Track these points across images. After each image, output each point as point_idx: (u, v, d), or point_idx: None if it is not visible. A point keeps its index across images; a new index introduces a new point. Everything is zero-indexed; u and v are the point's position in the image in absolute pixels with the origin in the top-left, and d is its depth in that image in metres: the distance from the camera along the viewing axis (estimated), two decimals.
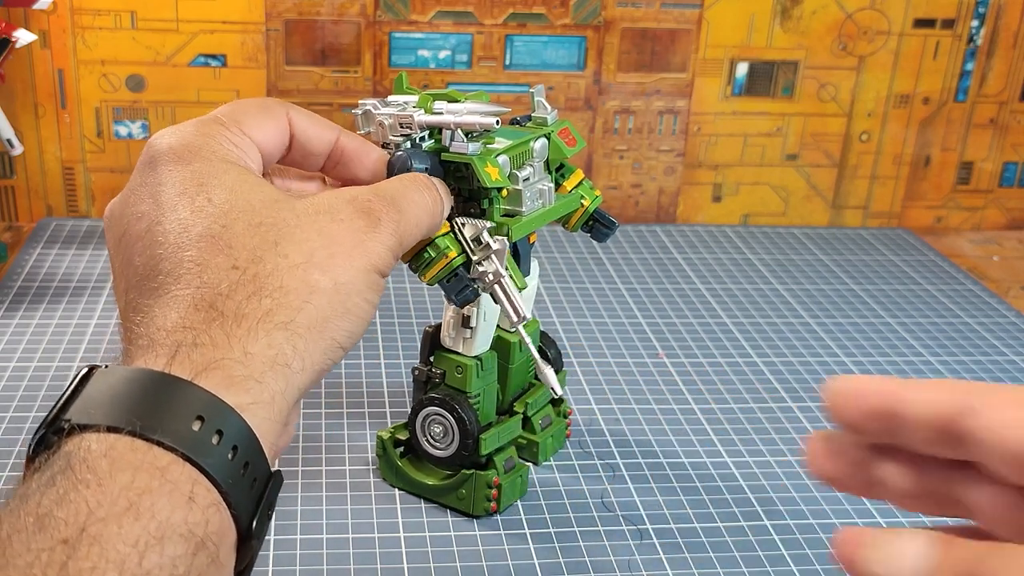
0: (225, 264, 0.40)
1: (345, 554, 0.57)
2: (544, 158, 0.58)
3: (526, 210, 0.56)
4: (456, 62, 1.02)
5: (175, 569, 0.32)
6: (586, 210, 0.61)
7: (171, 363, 0.37)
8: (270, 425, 0.38)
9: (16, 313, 0.82)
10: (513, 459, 0.62)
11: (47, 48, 0.96)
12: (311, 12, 0.98)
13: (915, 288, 0.97)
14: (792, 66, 1.06)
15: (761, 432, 0.71)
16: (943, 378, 0.80)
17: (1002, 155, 1.13)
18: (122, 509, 0.32)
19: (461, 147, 0.52)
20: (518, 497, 0.62)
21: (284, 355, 0.39)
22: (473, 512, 0.60)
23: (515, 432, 0.62)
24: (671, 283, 0.95)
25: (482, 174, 0.52)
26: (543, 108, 0.59)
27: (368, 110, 0.53)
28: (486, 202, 0.54)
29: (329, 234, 0.42)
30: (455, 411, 0.59)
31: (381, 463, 0.64)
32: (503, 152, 0.55)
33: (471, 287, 0.53)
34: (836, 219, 1.13)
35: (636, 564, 0.58)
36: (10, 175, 1.01)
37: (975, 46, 1.08)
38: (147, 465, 0.33)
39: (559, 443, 0.68)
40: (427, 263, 0.53)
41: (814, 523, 0.62)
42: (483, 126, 0.52)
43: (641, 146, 1.07)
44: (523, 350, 0.63)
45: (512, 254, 0.57)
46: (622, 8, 1.02)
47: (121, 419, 0.34)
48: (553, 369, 0.63)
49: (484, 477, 0.60)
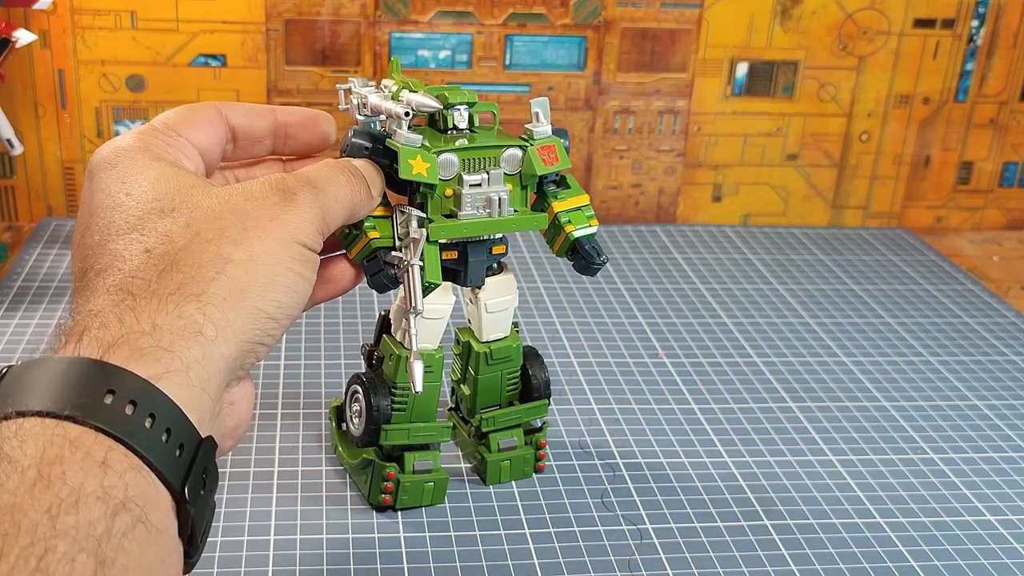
0: (138, 249, 0.42)
1: (345, 554, 0.57)
2: (516, 170, 0.57)
3: (462, 215, 0.56)
4: (456, 62, 1.02)
5: (92, 529, 0.33)
6: (567, 237, 0.59)
7: (78, 347, 0.38)
8: (191, 391, 0.39)
9: (16, 313, 0.82)
10: (431, 464, 0.61)
11: (47, 48, 0.96)
12: (311, 12, 0.98)
13: (915, 288, 0.97)
14: (792, 66, 1.06)
15: (761, 432, 0.71)
16: (940, 376, 0.80)
17: (1002, 155, 1.13)
18: (31, 480, 0.33)
19: (400, 136, 0.54)
20: (426, 503, 0.61)
21: (196, 323, 0.40)
22: (369, 500, 0.61)
23: (432, 436, 0.61)
24: (671, 283, 0.95)
25: (401, 164, 0.53)
26: (536, 120, 0.58)
27: (349, 87, 0.57)
28: (419, 196, 0.55)
29: (242, 211, 0.44)
30: (368, 394, 0.59)
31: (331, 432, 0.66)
32: (454, 151, 0.55)
33: (385, 271, 0.54)
34: (836, 219, 1.13)
35: (636, 564, 0.58)
36: (10, 175, 1.01)
37: (975, 46, 1.08)
38: (57, 438, 0.35)
39: (520, 472, 0.64)
40: (351, 240, 0.54)
41: (814, 523, 0.62)
42: (390, 112, 0.54)
43: (641, 146, 1.07)
44: (491, 363, 0.62)
45: (460, 259, 0.58)
46: (622, 8, 1.02)
47: (31, 403, 0.35)
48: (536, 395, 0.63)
49: (381, 468, 0.60)
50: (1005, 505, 0.65)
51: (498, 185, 0.56)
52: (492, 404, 0.63)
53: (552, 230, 0.60)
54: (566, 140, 0.59)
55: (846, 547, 0.60)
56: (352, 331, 0.82)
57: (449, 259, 0.58)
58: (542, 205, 0.60)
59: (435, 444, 0.62)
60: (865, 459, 0.69)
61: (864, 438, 0.71)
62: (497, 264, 0.61)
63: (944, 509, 0.64)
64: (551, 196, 0.59)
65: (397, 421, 0.60)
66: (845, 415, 0.74)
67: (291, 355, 0.78)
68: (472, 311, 0.62)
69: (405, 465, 0.60)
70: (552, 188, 0.60)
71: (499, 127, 0.59)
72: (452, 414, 0.67)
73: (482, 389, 0.63)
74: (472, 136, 0.56)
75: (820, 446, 0.70)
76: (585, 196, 0.60)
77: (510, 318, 0.62)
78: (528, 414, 0.64)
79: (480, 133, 0.57)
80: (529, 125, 0.58)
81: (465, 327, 0.64)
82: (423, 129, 0.57)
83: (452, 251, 0.58)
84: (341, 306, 0.86)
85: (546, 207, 0.59)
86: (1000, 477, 0.68)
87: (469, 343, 0.62)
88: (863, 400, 0.76)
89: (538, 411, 0.64)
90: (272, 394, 0.72)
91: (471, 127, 0.57)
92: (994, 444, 0.71)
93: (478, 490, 0.63)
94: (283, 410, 0.71)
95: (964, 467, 0.68)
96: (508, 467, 0.64)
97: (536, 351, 0.65)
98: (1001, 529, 0.62)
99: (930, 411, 0.75)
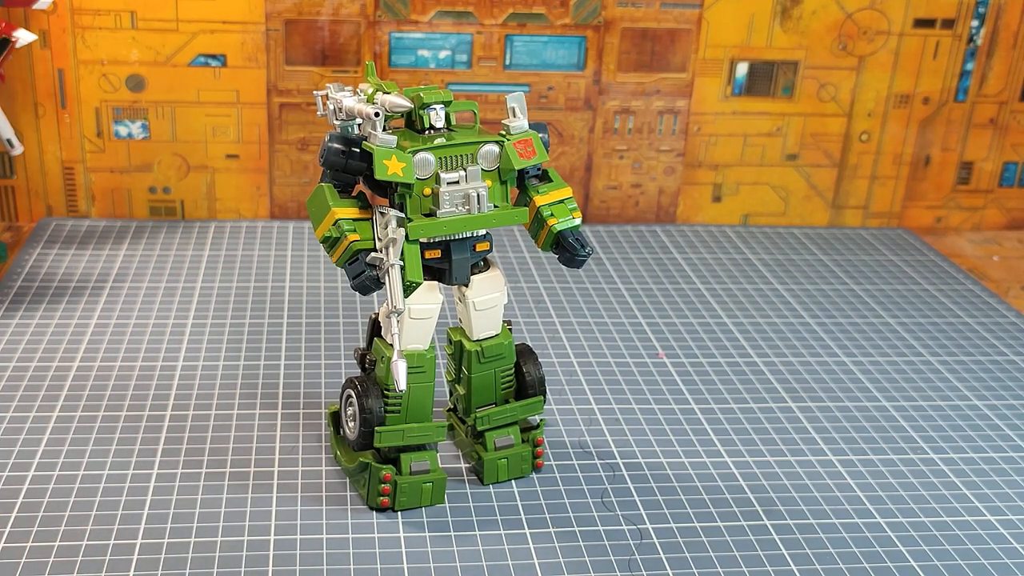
0: None
1: (345, 554, 0.57)
2: (493, 165, 0.58)
3: (440, 213, 0.56)
4: (456, 62, 1.02)
5: None
6: (550, 230, 0.59)
7: None
8: None
9: (16, 313, 0.82)
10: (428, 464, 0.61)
11: (47, 48, 0.96)
12: (311, 12, 0.98)
13: (915, 288, 0.97)
14: (792, 66, 1.06)
15: (761, 432, 0.71)
16: (940, 376, 0.80)
17: (1002, 155, 1.13)
18: None
19: (375, 138, 0.55)
20: (425, 504, 0.61)
21: None
22: (368, 503, 0.61)
23: (427, 437, 0.60)
24: (671, 283, 0.95)
25: (376, 165, 0.54)
26: (512, 115, 0.58)
27: (326, 93, 0.57)
28: (397, 196, 0.56)
29: None
30: (361, 397, 0.59)
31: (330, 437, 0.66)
32: (429, 150, 0.56)
33: (367, 273, 0.54)
34: (836, 219, 1.13)
35: (636, 564, 0.58)
36: (10, 175, 1.01)
37: (975, 46, 1.08)
38: None
39: (518, 470, 0.64)
40: (331, 243, 0.55)
41: (814, 523, 0.62)
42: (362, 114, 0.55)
43: (641, 146, 1.07)
44: (483, 361, 0.62)
45: (444, 258, 0.58)
46: (622, 8, 1.02)
47: None
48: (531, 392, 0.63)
49: (378, 470, 0.60)
50: (1005, 505, 0.65)
51: (476, 182, 0.57)
52: (487, 403, 0.63)
53: (535, 225, 0.60)
54: (544, 134, 0.60)
55: (846, 547, 0.60)
56: (352, 332, 0.82)
57: (433, 258, 0.58)
58: (525, 200, 0.60)
59: (432, 444, 0.62)
60: (865, 459, 0.69)
61: (864, 438, 0.71)
62: (484, 261, 0.61)
63: (944, 509, 0.64)
64: (532, 190, 0.60)
65: (392, 423, 0.60)
66: (845, 415, 0.74)
67: (291, 355, 0.78)
68: (462, 310, 0.62)
69: (402, 467, 0.60)
70: (534, 182, 0.60)
71: (480, 125, 0.59)
72: (450, 414, 0.67)
73: (476, 388, 0.63)
74: (450, 135, 0.57)
75: (820, 446, 0.70)
76: (568, 189, 0.60)
77: (500, 315, 0.62)
78: (523, 411, 0.64)
79: (458, 132, 0.58)
80: (506, 120, 0.58)
81: (457, 327, 0.64)
82: (401, 131, 0.58)
83: (435, 250, 0.58)
84: (341, 307, 0.86)
85: (528, 202, 0.59)
86: (1000, 477, 0.68)
87: (461, 342, 0.62)
88: (863, 400, 0.76)
89: (534, 408, 0.64)
90: (272, 394, 0.72)
91: (449, 126, 0.58)
92: (994, 444, 0.71)
93: (477, 490, 0.63)
94: (283, 410, 0.71)
95: (964, 467, 0.68)
96: (505, 465, 0.64)
97: (530, 348, 0.65)
98: (1001, 529, 0.62)
99: (930, 411, 0.75)
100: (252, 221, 1.04)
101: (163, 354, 0.77)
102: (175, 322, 0.82)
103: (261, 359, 0.77)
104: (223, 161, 1.02)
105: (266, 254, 0.96)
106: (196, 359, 0.77)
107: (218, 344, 0.79)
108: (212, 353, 0.78)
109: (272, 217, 1.05)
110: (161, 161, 1.01)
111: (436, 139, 0.57)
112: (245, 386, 0.73)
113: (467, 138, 0.57)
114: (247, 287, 0.89)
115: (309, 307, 0.86)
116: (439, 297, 0.60)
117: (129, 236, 0.98)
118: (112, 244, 0.96)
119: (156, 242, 0.97)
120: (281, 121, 1.01)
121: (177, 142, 1.01)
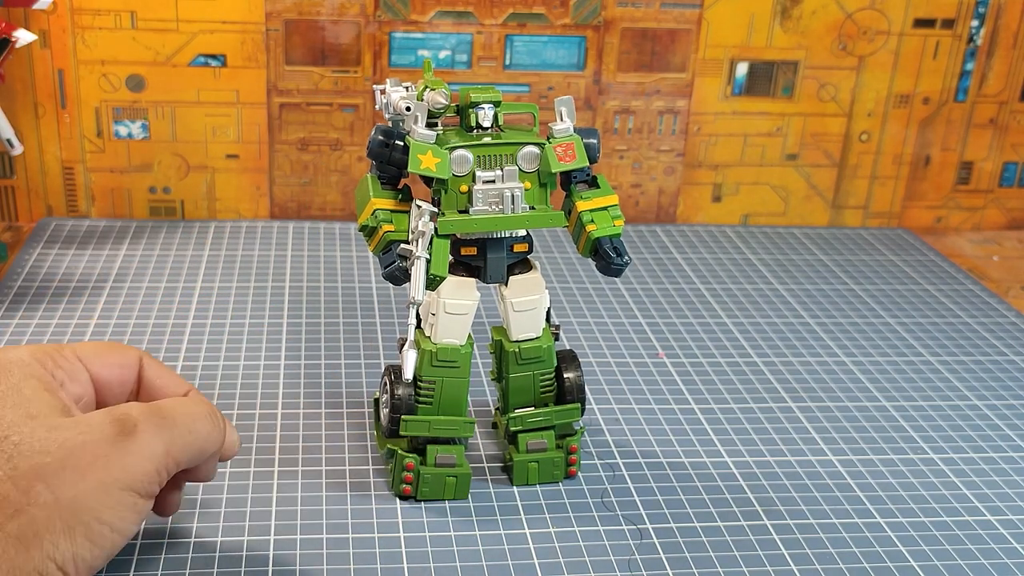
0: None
1: (345, 554, 0.57)
2: (533, 167, 0.58)
3: (473, 210, 0.57)
4: (456, 62, 1.02)
5: None
6: (588, 236, 0.59)
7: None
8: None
9: (16, 313, 0.82)
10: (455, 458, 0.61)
11: (47, 48, 0.96)
12: (311, 12, 0.98)
13: (915, 288, 0.97)
14: (792, 66, 1.06)
15: (761, 432, 0.71)
16: (940, 376, 0.80)
17: (1002, 155, 1.13)
18: None
19: (415, 132, 0.56)
20: (448, 497, 0.61)
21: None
22: (392, 490, 0.61)
23: (455, 431, 0.61)
24: (671, 283, 0.95)
25: (411, 157, 0.56)
26: (560, 119, 0.59)
27: (384, 88, 0.59)
28: (433, 191, 0.57)
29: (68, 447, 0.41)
30: (392, 385, 0.60)
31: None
32: (469, 147, 0.56)
33: (397, 263, 0.56)
34: (836, 219, 1.13)
35: (636, 564, 0.58)
36: (10, 175, 1.01)
37: (975, 46, 1.08)
38: None
39: (549, 475, 0.64)
40: (369, 232, 0.57)
41: (814, 523, 0.62)
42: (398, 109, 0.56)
43: (641, 146, 1.07)
44: (520, 363, 0.62)
45: (479, 256, 0.59)
46: (622, 8, 1.02)
47: None
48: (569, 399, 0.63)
49: (402, 458, 0.60)
50: (1005, 505, 0.65)
51: (512, 182, 0.57)
52: (525, 404, 0.63)
53: (577, 229, 0.61)
54: (592, 138, 0.60)
55: (846, 547, 0.60)
56: (353, 332, 0.82)
57: (468, 255, 0.59)
58: (570, 205, 0.60)
59: (462, 440, 0.62)
60: (865, 459, 0.69)
61: (864, 438, 0.71)
62: (525, 262, 0.61)
63: (944, 509, 0.64)
64: (577, 196, 0.60)
65: (423, 414, 0.60)
66: (845, 415, 0.74)
67: (291, 355, 0.78)
68: (503, 310, 0.62)
69: (427, 457, 0.61)
70: (580, 187, 0.60)
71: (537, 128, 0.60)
72: (497, 412, 0.67)
73: (513, 389, 0.63)
74: (498, 134, 0.58)
75: (820, 446, 0.70)
76: (614, 196, 0.61)
77: (541, 318, 0.62)
78: (558, 416, 0.63)
79: (507, 132, 0.58)
80: (552, 123, 0.59)
81: (500, 326, 0.64)
82: (453, 128, 0.59)
83: (471, 247, 0.59)
84: (342, 307, 0.86)
85: (572, 206, 0.60)
86: (1000, 477, 0.68)
87: (501, 342, 0.63)
88: (863, 400, 0.76)
89: (570, 414, 0.63)
90: (273, 394, 0.73)
91: (497, 125, 0.58)
92: (994, 444, 0.71)
93: (478, 490, 0.63)
94: (283, 410, 0.71)
95: (964, 467, 0.68)
96: (536, 469, 0.63)
97: (574, 354, 0.64)
98: (1001, 529, 0.62)
99: (930, 411, 0.75)
100: (252, 221, 1.04)
101: (163, 354, 0.77)
102: (175, 322, 0.82)
103: (261, 359, 0.77)
104: (223, 161, 1.02)
105: (266, 254, 0.96)
106: (196, 359, 0.77)
107: (218, 344, 0.79)
108: (212, 353, 0.78)
109: (272, 217, 1.05)
110: (161, 161, 1.01)
111: (483, 138, 0.57)
112: (245, 386, 0.73)
113: (511, 138, 0.58)
114: (247, 287, 0.89)
115: (309, 307, 0.86)
116: (476, 294, 0.60)
117: (129, 236, 0.98)
118: (112, 244, 0.96)
119: (156, 242, 0.97)
120: (281, 121, 1.01)
121: (177, 142, 1.01)
